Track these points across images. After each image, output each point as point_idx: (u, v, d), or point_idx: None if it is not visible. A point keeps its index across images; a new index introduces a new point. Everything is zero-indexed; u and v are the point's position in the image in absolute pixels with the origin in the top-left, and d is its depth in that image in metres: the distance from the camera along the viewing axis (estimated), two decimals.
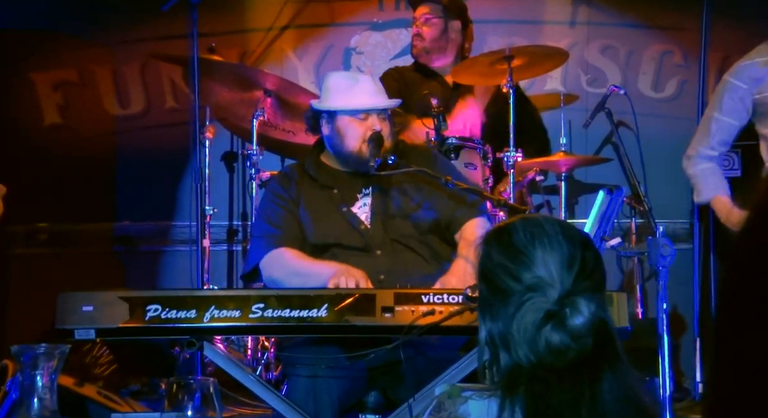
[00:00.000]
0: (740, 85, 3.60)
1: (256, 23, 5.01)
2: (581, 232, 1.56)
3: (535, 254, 1.49)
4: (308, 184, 3.09)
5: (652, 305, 4.30)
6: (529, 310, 1.47)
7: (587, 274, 1.49)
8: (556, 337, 1.46)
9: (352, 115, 3.02)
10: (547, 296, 1.47)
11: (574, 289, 1.47)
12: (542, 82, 4.97)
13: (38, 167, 4.87)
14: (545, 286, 1.47)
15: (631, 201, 4.34)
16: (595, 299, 1.48)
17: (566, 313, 1.46)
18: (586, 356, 1.46)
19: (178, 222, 4.91)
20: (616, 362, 1.48)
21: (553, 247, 1.49)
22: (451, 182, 2.92)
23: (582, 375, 1.45)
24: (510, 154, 3.96)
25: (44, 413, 1.62)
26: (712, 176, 3.69)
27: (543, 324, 1.46)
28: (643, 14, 4.96)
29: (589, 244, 1.52)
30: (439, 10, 4.40)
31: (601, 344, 1.47)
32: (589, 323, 1.46)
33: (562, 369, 1.46)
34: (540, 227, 1.52)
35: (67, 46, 4.98)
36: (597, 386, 1.45)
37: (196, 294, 2.53)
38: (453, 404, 1.48)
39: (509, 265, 1.50)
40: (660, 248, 2.79)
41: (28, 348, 1.62)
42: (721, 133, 3.67)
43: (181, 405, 1.64)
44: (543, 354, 1.46)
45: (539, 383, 1.45)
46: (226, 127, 4.87)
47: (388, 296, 2.39)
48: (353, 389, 2.76)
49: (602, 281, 1.52)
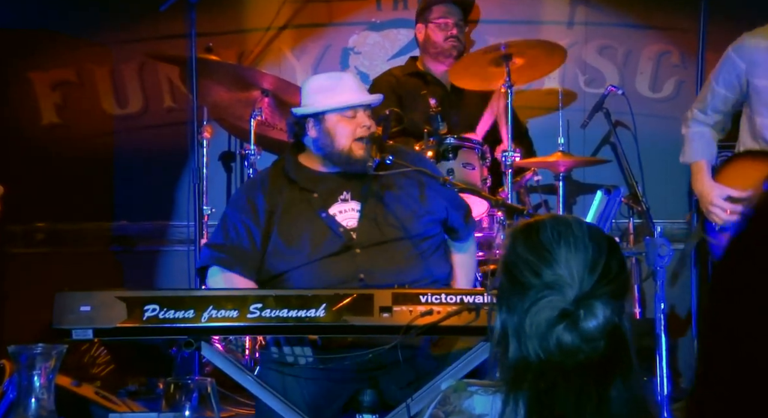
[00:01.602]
0: (739, 64, 3.61)
1: (254, 23, 5.01)
2: (609, 237, 1.56)
3: (559, 253, 1.50)
4: (287, 189, 3.01)
5: (649, 305, 4.31)
6: (545, 307, 1.48)
7: (609, 279, 1.49)
8: (567, 337, 1.46)
9: (341, 114, 2.98)
10: (564, 295, 1.47)
11: (593, 292, 1.47)
12: (540, 82, 4.97)
13: (36, 167, 4.87)
14: (564, 285, 1.48)
15: (629, 201, 4.34)
16: (612, 305, 1.48)
17: (581, 314, 1.46)
18: (598, 360, 1.47)
19: (175, 222, 4.90)
20: (628, 369, 1.48)
21: (578, 248, 1.50)
22: (448, 183, 2.92)
23: (590, 378, 1.46)
24: (508, 154, 3.96)
25: (42, 413, 1.61)
26: (701, 140, 3.71)
27: (556, 322, 1.47)
28: (641, 14, 4.96)
29: (615, 249, 1.53)
30: (460, 12, 4.52)
31: (613, 349, 1.47)
32: (603, 328, 1.46)
33: (570, 369, 1.46)
34: (568, 227, 1.53)
35: (65, 45, 4.98)
36: (605, 390, 1.45)
37: (194, 294, 2.53)
38: (458, 398, 1.49)
39: (532, 260, 1.51)
40: (658, 248, 2.79)
41: (25, 348, 1.62)
42: (715, 102, 3.70)
43: (178, 405, 1.64)
44: (552, 352, 1.47)
45: (545, 380, 1.46)
46: (223, 127, 4.87)
47: (386, 296, 2.39)
48: (351, 388, 2.75)
49: (624, 288, 1.52)
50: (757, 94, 3.59)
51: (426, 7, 4.53)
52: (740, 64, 3.60)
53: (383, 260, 2.89)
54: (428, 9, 4.51)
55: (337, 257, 2.88)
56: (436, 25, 4.48)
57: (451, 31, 4.45)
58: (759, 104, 3.59)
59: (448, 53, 4.45)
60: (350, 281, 2.82)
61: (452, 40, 4.45)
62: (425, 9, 4.53)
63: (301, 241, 2.91)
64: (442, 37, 4.46)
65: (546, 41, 4.33)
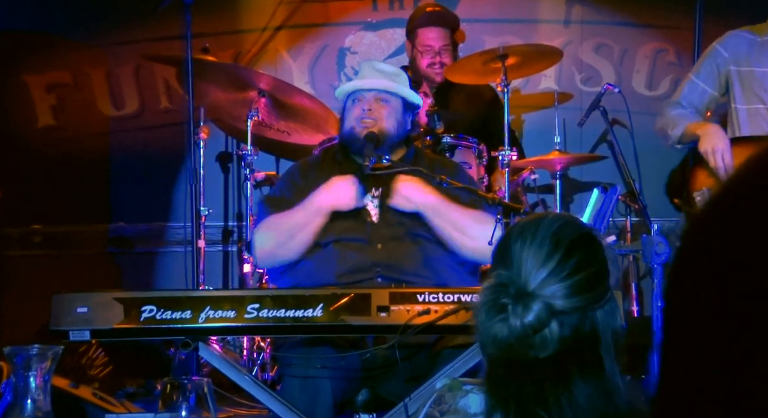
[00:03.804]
0: (722, 52, 3.63)
1: (251, 24, 5.01)
2: (584, 234, 1.51)
3: (515, 252, 1.47)
4: (332, 169, 3.09)
5: (647, 303, 4.31)
6: (491, 304, 1.44)
7: (561, 277, 1.44)
8: (502, 330, 1.42)
9: (351, 99, 3.11)
10: (507, 292, 1.44)
11: (538, 289, 1.43)
12: (537, 81, 4.98)
13: (33, 169, 4.87)
14: (510, 283, 1.45)
15: (626, 199, 4.34)
16: (567, 302, 1.43)
17: (517, 310, 1.42)
18: (554, 357, 1.43)
19: (173, 223, 4.90)
20: (589, 366, 1.44)
21: (533, 245, 1.46)
22: (445, 181, 2.92)
23: (545, 373, 1.42)
24: (505, 153, 3.96)
25: (37, 414, 1.61)
26: (684, 114, 3.65)
27: (493, 316, 1.43)
28: (637, 13, 4.97)
29: (580, 246, 1.48)
30: (448, 33, 4.40)
31: (569, 346, 1.43)
32: (539, 324, 1.42)
33: (525, 364, 1.43)
34: (537, 225, 1.49)
35: (60, 47, 4.98)
36: (565, 386, 1.41)
37: (191, 295, 2.52)
38: (453, 397, 1.49)
39: (496, 261, 1.50)
40: (655, 246, 2.79)
41: (21, 349, 1.62)
42: (691, 95, 3.68)
43: (175, 406, 1.63)
44: (490, 346, 1.44)
45: (496, 375, 1.44)
46: (220, 127, 4.87)
47: (384, 296, 2.39)
48: (348, 388, 2.76)
49: (587, 287, 1.46)
50: (740, 82, 3.61)
51: (411, 30, 4.44)
52: (724, 53, 3.63)
53: (401, 256, 2.91)
54: (413, 32, 4.42)
55: (357, 249, 2.92)
56: (420, 51, 4.38)
57: (435, 58, 4.35)
58: (743, 91, 3.61)
59: (431, 79, 4.36)
60: (366, 271, 2.86)
61: (436, 67, 4.34)
62: (410, 32, 4.45)
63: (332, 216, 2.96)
64: (426, 63, 4.36)
65: (543, 45, 4.33)
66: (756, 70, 3.59)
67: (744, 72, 3.60)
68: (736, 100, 3.63)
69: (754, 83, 3.59)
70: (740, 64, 3.60)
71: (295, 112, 4.30)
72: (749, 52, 3.59)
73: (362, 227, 2.98)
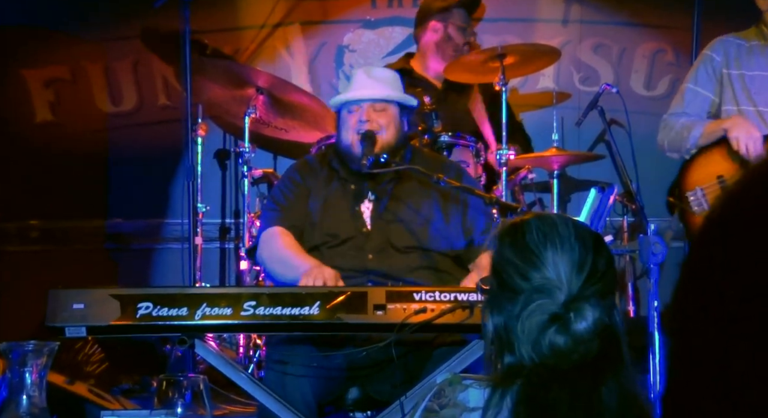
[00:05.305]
0: (714, 57, 3.67)
1: (249, 21, 5.00)
2: (595, 234, 1.55)
3: (546, 255, 1.49)
4: (329, 176, 3.09)
5: (643, 303, 4.31)
6: (535, 311, 1.47)
7: (597, 278, 1.48)
8: (560, 340, 1.46)
9: (347, 109, 3.07)
10: (553, 299, 1.47)
11: (582, 293, 1.47)
12: (535, 81, 4.97)
13: (30, 165, 4.86)
14: (553, 288, 1.47)
15: (623, 199, 4.34)
16: (602, 304, 1.48)
17: (571, 317, 1.46)
18: (591, 359, 1.47)
19: (170, 220, 4.90)
20: (620, 366, 1.48)
21: (565, 249, 1.49)
22: (442, 180, 2.92)
23: (583, 377, 1.46)
24: (503, 152, 3.97)
25: (33, 410, 1.61)
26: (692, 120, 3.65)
27: (547, 326, 1.46)
28: (636, 13, 4.97)
29: (601, 247, 1.52)
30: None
31: (605, 348, 1.47)
32: (593, 328, 1.46)
33: (564, 370, 1.46)
34: (554, 227, 1.51)
35: (58, 42, 4.97)
36: (598, 388, 1.45)
37: (188, 292, 2.52)
38: (453, 391, 1.50)
39: (519, 264, 1.50)
40: (651, 246, 2.79)
41: (17, 345, 1.62)
42: (695, 104, 3.69)
43: (171, 403, 1.64)
44: (546, 355, 1.47)
45: (538, 382, 1.46)
46: (218, 124, 4.86)
47: (380, 294, 2.39)
48: (334, 386, 2.75)
49: (612, 285, 1.52)
50: (731, 85, 3.63)
51: (447, 8, 4.51)
52: (716, 57, 3.66)
53: (392, 268, 2.90)
54: (449, 11, 4.50)
55: (351, 257, 2.92)
56: (458, 28, 4.48)
57: (468, 38, 4.51)
58: (733, 93, 3.62)
59: (461, 55, 4.44)
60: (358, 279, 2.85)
61: (468, 47, 4.50)
62: (445, 9, 4.52)
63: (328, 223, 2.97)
64: (462, 41, 4.48)
65: (541, 45, 4.34)
66: (746, 74, 3.63)
67: (734, 75, 3.64)
68: (726, 102, 3.65)
69: (744, 86, 3.61)
70: (731, 67, 3.65)
71: (293, 109, 4.30)
72: (738, 56, 3.64)
73: (359, 235, 2.97)
